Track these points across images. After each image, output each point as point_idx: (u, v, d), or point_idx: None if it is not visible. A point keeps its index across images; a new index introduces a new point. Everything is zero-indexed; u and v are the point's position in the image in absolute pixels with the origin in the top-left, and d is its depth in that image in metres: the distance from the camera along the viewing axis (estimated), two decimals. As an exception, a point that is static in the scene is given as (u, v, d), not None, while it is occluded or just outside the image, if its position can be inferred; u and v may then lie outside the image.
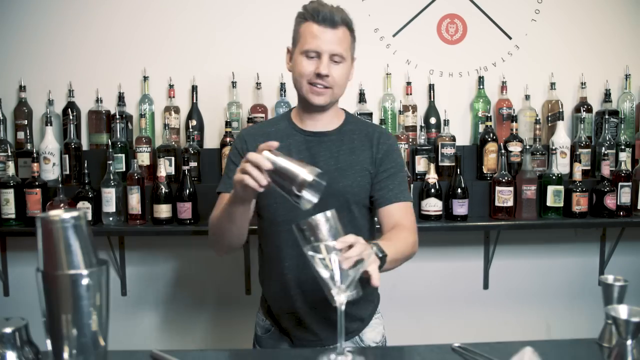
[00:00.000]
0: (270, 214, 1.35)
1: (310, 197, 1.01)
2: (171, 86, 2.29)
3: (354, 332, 1.41)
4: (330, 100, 1.33)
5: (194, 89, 2.29)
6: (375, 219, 1.43)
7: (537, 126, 2.23)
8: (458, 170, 2.14)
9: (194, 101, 2.29)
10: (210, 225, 1.33)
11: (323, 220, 0.94)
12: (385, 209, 1.34)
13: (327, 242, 0.93)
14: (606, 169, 2.15)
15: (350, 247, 0.94)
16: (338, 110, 1.41)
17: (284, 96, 2.28)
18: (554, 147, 2.18)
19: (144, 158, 2.18)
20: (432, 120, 2.33)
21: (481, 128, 2.30)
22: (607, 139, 2.26)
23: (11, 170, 2.07)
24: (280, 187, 1.00)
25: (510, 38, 2.40)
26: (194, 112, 2.28)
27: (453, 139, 2.22)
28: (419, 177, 2.21)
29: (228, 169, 1.37)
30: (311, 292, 1.31)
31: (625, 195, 2.14)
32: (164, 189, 2.07)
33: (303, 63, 1.30)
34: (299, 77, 1.32)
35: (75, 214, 0.74)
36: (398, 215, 1.33)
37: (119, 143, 2.16)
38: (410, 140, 2.27)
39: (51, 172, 2.16)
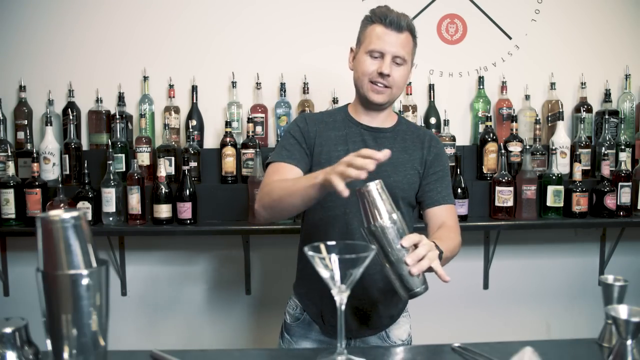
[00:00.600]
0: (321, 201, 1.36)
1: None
2: (171, 86, 2.29)
3: (382, 328, 1.44)
4: (388, 99, 1.38)
5: (194, 89, 2.29)
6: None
7: (537, 126, 2.23)
8: (458, 170, 2.14)
9: (194, 101, 2.29)
10: (272, 193, 1.28)
11: (390, 224, 1.01)
12: (433, 209, 1.41)
13: (395, 244, 1.00)
14: (606, 169, 2.15)
15: (415, 246, 1.03)
16: (391, 112, 1.48)
17: (284, 96, 2.28)
18: (554, 147, 2.18)
19: (144, 158, 2.18)
20: (432, 120, 2.33)
21: (481, 128, 2.30)
22: (607, 139, 2.26)
23: (11, 170, 2.07)
24: (362, 206, 1.04)
25: (510, 38, 2.40)
26: (194, 112, 2.28)
27: (453, 139, 2.22)
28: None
29: (287, 142, 1.41)
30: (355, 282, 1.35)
31: (625, 195, 2.14)
32: (164, 189, 2.07)
33: (366, 62, 1.36)
34: (361, 75, 1.37)
35: (75, 214, 0.74)
36: (444, 217, 1.41)
37: (119, 143, 2.16)
38: (410, 140, 2.27)
39: (51, 172, 2.16)
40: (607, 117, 2.29)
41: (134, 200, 2.05)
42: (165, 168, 2.10)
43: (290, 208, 1.27)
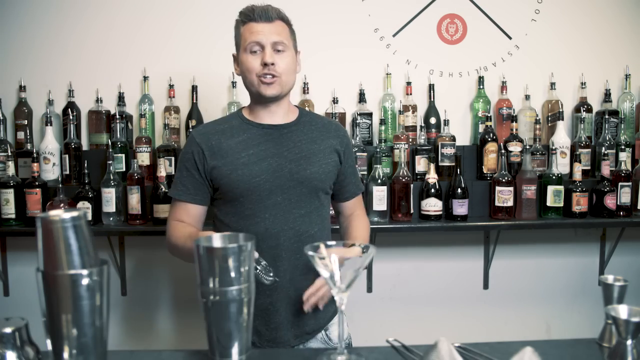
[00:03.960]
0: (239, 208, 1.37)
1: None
2: (171, 86, 2.29)
3: (316, 331, 1.43)
4: (281, 89, 1.35)
5: (194, 89, 2.29)
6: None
7: (537, 126, 2.23)
8: (458, 170, 2.14)
9: (194, 101, 2.29)
10: (170, 241, 1.38)
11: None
12: (351, 202, 1.53)
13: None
14: (606, 169, 2.15)
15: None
16: (291, 105, 1.45)
17: (284, 96, 2.28)
18: (554, 147, 2.18)
19: (144, 158, 2.18)
20: (432, 120, 2.33)
21: (481, 128, 2.30)
22: (607, 139, 2.26)
23: (11, 170, 2.07)
24: None
25: (510, 38, 2.41)
26: (194, 112, 2.28)
27: (453, 139, 2.22)
28: (419, 177, 2.21)
29: (181, 175, 1.38)
30: (282, 292, 1.35)
31: (625, 195, 2.14)
32: (164, 189, 2.07)
33: (249, 59, 1.34)
34: (247, 73, 1.35)
35: (75, 214, 0.74)
36: (355, 206, 1.54)
37: (119, 143, 2.16)
38: (410, 140, 2.27)
39: (51, 172, 2.16)
40: (607, 117, 2.29)
41: (134, 200, 2.06)
42: (165, 168, 2.10)
43: (187, 259, 1.31)
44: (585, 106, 2.34)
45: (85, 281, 0.74)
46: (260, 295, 1.34)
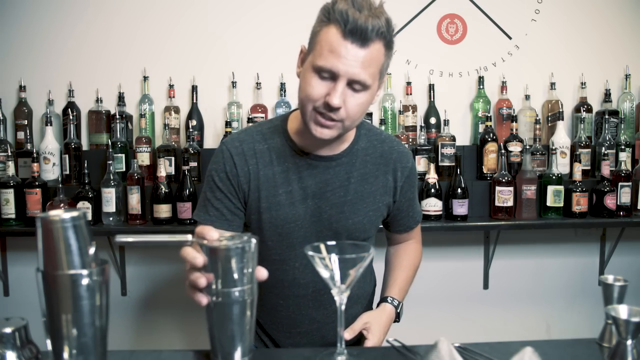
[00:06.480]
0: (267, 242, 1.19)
1: None
2: (171, 86, 2.29)
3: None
4: (338, 134, 1.05)
5: (194, 89, 2.29)
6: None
7: (537, 126, 2.23)
8: (458, 170, 2.14)
9: (194, 101, 2.29)
10: None
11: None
12: (407, 234, 1.35)
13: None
14: (606, 169, 2.15)
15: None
16: None
17: (284, 96, 2.28)
18: (554, 147, 2.18)
19: (144, 158, 2.18)
20: (432, 120, 2.33)
21: (481, 128, 2.30)
22: (607, 139, 2.26)
23: (11, 170, 2.07)
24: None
25: (510, 38, 2.41)
26: (194, 112, 2.28)
27: (453, 139, 2.22)
28: (419, 177, 2.21)
29: (212, 195, 1.14)
30: (307, 340, 1.26)
31: (625, 195, 2.14)
32: (164, 189, 2.07)
33: (312, 82, 0.99)
34: (304, 97, 1.02)
35: (75, 214, 0.74)
36: (411, 235, 1.37)
37: (119, 143, 2.16)
38: (410, 140, 2.27)
39: (51, 172, 2.16)
40: (607, 117, 2.29)
41: (134, 200, 2.06)
42: (165, 168, 2.10)
43: None
44: (585, 106, 2.34)
45: (85, 281, 0.74)
46: (281, 335, 1.26)
